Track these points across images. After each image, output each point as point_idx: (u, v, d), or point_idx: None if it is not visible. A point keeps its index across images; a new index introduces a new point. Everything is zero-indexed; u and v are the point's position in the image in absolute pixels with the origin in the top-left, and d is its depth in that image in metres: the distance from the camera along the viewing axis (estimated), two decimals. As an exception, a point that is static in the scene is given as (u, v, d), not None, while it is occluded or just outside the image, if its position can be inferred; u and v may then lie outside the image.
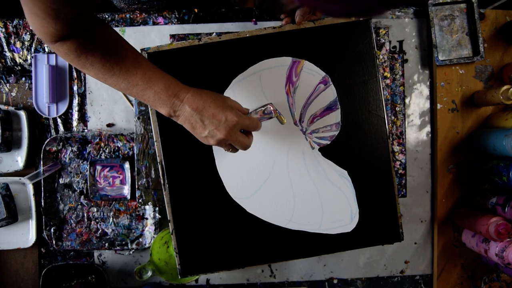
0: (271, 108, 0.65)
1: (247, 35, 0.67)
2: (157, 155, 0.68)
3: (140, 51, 0.67)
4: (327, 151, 0.68)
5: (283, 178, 0.68)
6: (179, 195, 0.68)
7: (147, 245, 0.84)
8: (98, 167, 0.84)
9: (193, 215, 0.68)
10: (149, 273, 0.82)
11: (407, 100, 0.87)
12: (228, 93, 0.67)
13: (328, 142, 0.68)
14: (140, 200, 0.80)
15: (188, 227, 0.68)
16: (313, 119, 0.68)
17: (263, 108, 0.64)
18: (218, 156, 0.68)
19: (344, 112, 0.68)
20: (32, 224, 0.84)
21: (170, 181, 0.68)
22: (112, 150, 0.84)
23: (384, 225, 0.69)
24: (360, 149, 0.68)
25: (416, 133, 0.87)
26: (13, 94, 0.86)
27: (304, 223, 0.69)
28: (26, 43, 0.85)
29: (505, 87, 0.75)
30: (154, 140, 0.67)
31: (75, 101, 0.86)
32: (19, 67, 0.86)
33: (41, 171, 0.82)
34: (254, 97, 0.67)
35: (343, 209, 0.69)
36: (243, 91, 0.67)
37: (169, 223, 0.68)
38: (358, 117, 0.68)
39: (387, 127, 0.68)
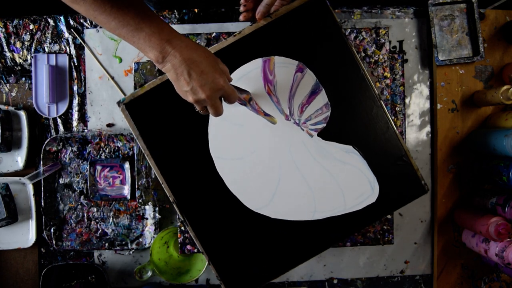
0: (256, 106, 0.65)
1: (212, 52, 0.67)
2: (168, 195, 0.67)
3: (116, 104, 0.67)
4: (326, 133, 0.68)
5: (294, 174, 0.68)
6: (202, 225, 0.68)
7: (147, 245, 0.84)
8: (98, 167, 0.84)
9: (222, 239, 0.68)
10: (149, 273, 0.82)
11: (407, 100, 0.87)
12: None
13: (324, 125, 0.68)
14: (140, 200, 0.80)
15: (222, 252, 0.68)
16: (302, 108, 0.68)
17: (244, 95, 0.64)
18: (226, 176, 0.68)
19: (329, 91, 0.68)
20: (32, 224, 0.84)
21: (188, 217, 0.67)
22: (112, 150, 0.85)
23: (405, 182, 0.69)
24: (356, 119, 0.68)
25: (416, 133, 0.87)
26: (13, 94, 0.86)
27: (329, 209, 0.68)
28: (26, 43, 0.85)
29: (505, 87, 0.75)
30: (161, 182, 0.67)
31: (75, 101, 0.86)
32: (19, 67, 0.86)
33: (41, 171, 0.82)
34: (239, 109, 0.67)
35: (361, 183, 0.68)
36: (227, 106, 0.67)
37: (203, 255, 0.68)
38: (343, 90, 0.68)
39: (374, 88, 0.68)
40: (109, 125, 0.86)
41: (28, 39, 0.85)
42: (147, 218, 0.85)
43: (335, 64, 0.68)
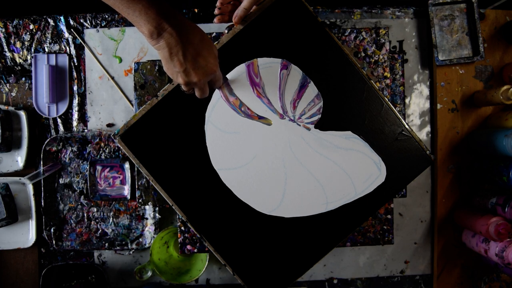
0: (249, 112, 0.66)
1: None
2: (180, 216, 0.67)
3: (112, 137, 0.66)
4: (323, 124, 0.69)
5: (299, 171, 0.69)
6: (219, 238, 0.68)
7: (147, 245, 0.84)
8: (98, 167, 0.84)
9: (241, 248, 0.68)
10: (149, 273, 0.82)
11: (407, 100, 0.87)
12: (208, 127, 0.67)
13: (319, 116, 0.68)
14: (140, 200, 0.80)
15: (244, 261, 0.68)
16: (294, 104, 0.68)
17: (233, 99, 0.65)
18: (233, 185, 0.68)
19: (317, 82, 0.68)
20: (32, 224, 0.84)
21: (204, 233, 0.68)
22: (112, 150, 0.85)
23: (411, 156, 0.69)
24: (350, 104, 0.68)
25: (416, 133, 0.87)
26: (13, 94, 0.86)
27: (340, 197, 0.69)
28: (26, 43, 0.85)
29: (505, 87, 0.75)
30: (170, 204, 0.67)
31: (75, 101, 0.86)
32: (19, 67, 0.86)
33: (41, 171, 0.82)
34: (232, 117, 0.68)
35: (367, 165, 0.69)
36: (220, 117, 0.67)
37: (226, 267, 0.68)
38: (331, 77, 0.68)
39: (362, 70, 0.68)
40: (109, 125, 0.86)
41: (28, 39, 0.85)
42: (147, 218, 0.85)
43: (318, 53, 0.68)
